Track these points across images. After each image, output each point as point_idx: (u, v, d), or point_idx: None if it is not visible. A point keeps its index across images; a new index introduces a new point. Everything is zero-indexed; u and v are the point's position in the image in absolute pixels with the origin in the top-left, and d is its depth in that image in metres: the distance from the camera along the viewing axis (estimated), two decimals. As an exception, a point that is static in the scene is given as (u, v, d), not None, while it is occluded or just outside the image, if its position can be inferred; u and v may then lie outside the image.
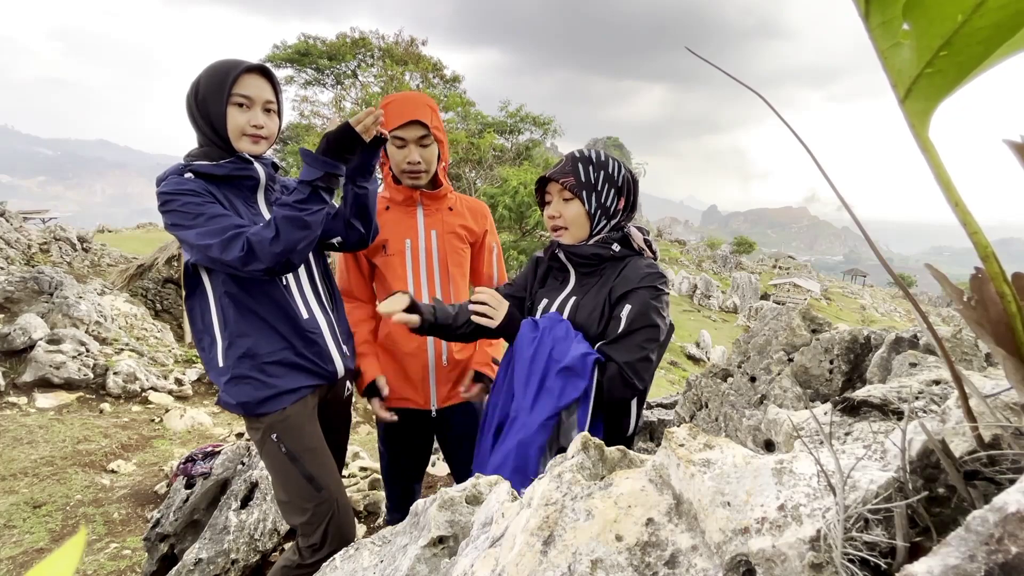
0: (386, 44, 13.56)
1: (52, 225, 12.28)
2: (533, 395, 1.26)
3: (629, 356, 1.26)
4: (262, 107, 1.40)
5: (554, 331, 1.31)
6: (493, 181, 12.26)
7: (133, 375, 5.56)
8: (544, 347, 1.29)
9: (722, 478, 0.54)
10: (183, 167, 1.37)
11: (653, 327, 1.28)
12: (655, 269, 1.36)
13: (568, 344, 1.28)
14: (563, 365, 1.24)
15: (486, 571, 0.63)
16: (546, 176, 1.39)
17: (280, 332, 1.43)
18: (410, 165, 1.67)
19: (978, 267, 0.42)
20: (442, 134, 1.72)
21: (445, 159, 1.78)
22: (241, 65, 1.36)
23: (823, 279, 54.07)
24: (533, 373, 1.28)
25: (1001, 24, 0.34)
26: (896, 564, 0.40)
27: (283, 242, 1.28)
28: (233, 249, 1.26)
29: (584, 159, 1.37)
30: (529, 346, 1.31)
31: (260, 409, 1.41)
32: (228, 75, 1.34)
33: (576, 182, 1.34)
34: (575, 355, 1.24)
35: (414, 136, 1.64)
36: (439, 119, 1.70)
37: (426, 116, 1.63)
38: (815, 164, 0.46)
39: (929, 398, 0.79)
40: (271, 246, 1.27)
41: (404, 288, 1.74)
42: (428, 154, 1.68)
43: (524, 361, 1.31)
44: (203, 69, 1.38)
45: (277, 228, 1.28)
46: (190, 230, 1.29)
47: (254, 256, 1.27)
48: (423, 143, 1.66)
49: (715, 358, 18.18)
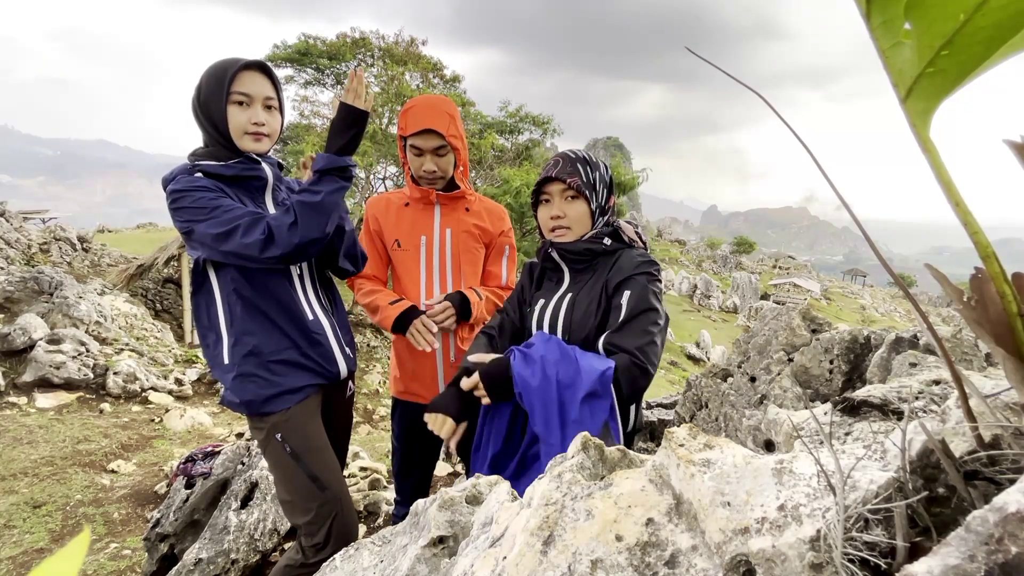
0: (386, 44, 13.56)
1: (52, 225, 12.27)
2: (559, 430, 1.17)
3: (637, 341, 1.24)
4: (262, 104, 1.40)
5: (549, 355, 1.23)
6: (493, 181, 12.27)
7: (133, 375, 5.56)
8: (549, 378, 1.21)
9: (722, 478, 0.54)
10: (192, 167, 1.37)
11: (653, 310, 1.28)
12: (647, 257, 1.36)
13: (570, 363, 1.21)
14: (586, 392, 1.16)
15: (486, 571, 0.63)
16: (552, 176, 1.36)
17: (285, 332, 1.44)
18: (426, 172, 1.72)
19: (978, 267, 0.42)
20: (460, 141, 1.75)
21: (464, 163, 1.80)
22: (238, 63, 1.36)
23: (823, 279, 54.09)
24: (549, 407, 1.19)
25: (1002, 24, 0.34)
26: (896, 564, 0.40)
27: (301, 227, 1.30)
28: (255, 232, 1.28)
29: (581, 160, 1.38)
30: (532, 380, 1.22)
31: (264, 408, 1.41)
32: (226, 73, 1.34)
33: (582, 182, 1.35)
34: (593, 377, 1.17)
35: (430, 146, 1.68)
36: (457, 125, 1.72)
37: (443, 125, 1.65)
38: (815, 164, 0.46)
39: (929, 398, 0.79)
40: (289, 232, 1.29)
41: (416, 282, 1.79)
42: (444, 163, 1.73)
43: (534, 399, 1.21)
44: (205, 70, 1.39)
45: (296, 214, 1.30)
46: (205, 222, 1.30)
47: (273, 241, 1.28)
48: (439, 153, 1.70)
49: (715, 358, 18.18)
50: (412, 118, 1.66)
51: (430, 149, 1.68)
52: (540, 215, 1.44)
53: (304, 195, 1.32)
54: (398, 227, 1.79)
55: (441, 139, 1.66)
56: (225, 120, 1.36)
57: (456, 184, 1.80)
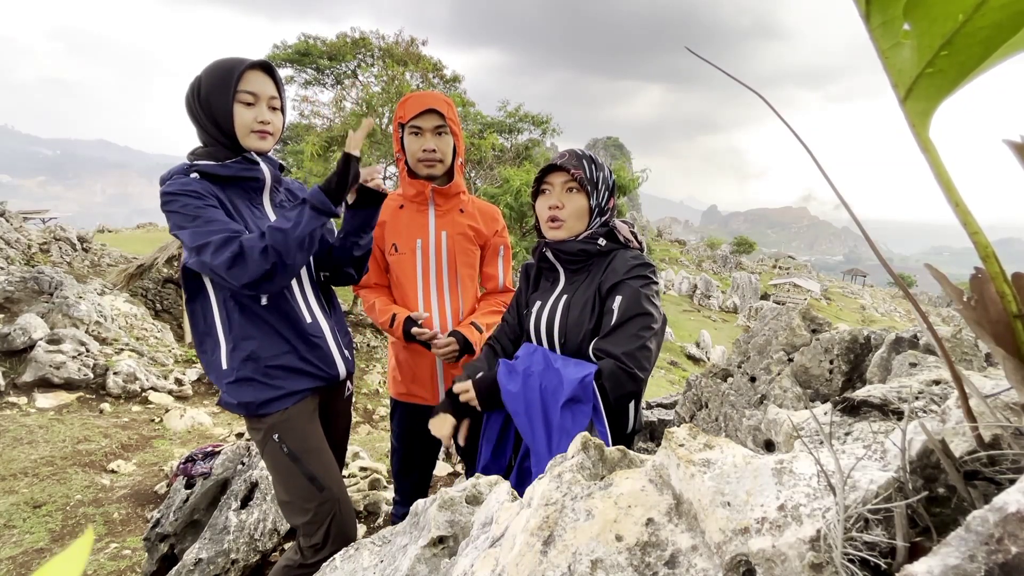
0: (386, 44, 13.54)
1: (52, 225, 12.27)
2: (545, 437, 1.21)
3: (626, 346, 1.24)
4: (267, 103, 1.40)
5: (533, 366, 1.27)
6: (493, 181, 12.26)
7: (133, 375, 5.56)
8: (531, 387, 1.25)
9: (722, 478, 0.54)
10: (188, 167, 1.37)
11: (646, 315, 1.27)
12: (642, 259, 1.35)
13: (554, 373, 1.24)
14: (566, 398, 1.19)
15: (486, 571, 0.63)
16: (556, 164, 1.36)
17: (284, 336, 1.44)
18: (426, 153, 1.72)
19: (978, 267, 0.42)
20: (457, 128, 1.78)
21: (460, 154, 1.82)
22: (245, 62, 1.37)
23: (823, 279, 54.07)
24: (533, 413, 1.23)
25: (1002, 24, 0.34)
26: (896, 564, 0.40)
27: (272, 255, 1.26)
28: (224, 252, 1.24)
29: (586, 157, 1.38)
30: (513, 388, 1.26)
31: (262, 410, 1.41)
32: (233, 72, 1.34)
33: (585, 176, 1.35)
34: (572, 383, 1.19)
35: (430, 125, 1.70)
36: (455, 114, 1.77)
37: (442, 107, 1.69)
38: (816, 165, 0.46)
39: (929, 398, 0.79)
40: (260, 257, 1.25)
41: (414, 286, 1.80)
42: (443, 144, 1.73)
43: (517, 406, 1.26)
44: (203, 69, 1.38)
45: (269, 240, 1.27)
46: (186, 230, 1.28)
47: (243, 263, 1.25)
48: (439, 131, 1.72)
49: (715, 358, 18.17)
50: (411, 103, 1.69)
51: (430, 128, 1.70)
52: (538, 205, 1.43)
53: (283, 223, 1.30)
54: (394, 230, 1.79)
55: (441, 119, 1.69)
56: (230, 118, 1.36)
57: (452, 178, 1.81)
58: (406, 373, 1.87)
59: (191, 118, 1.40)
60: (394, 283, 1.85)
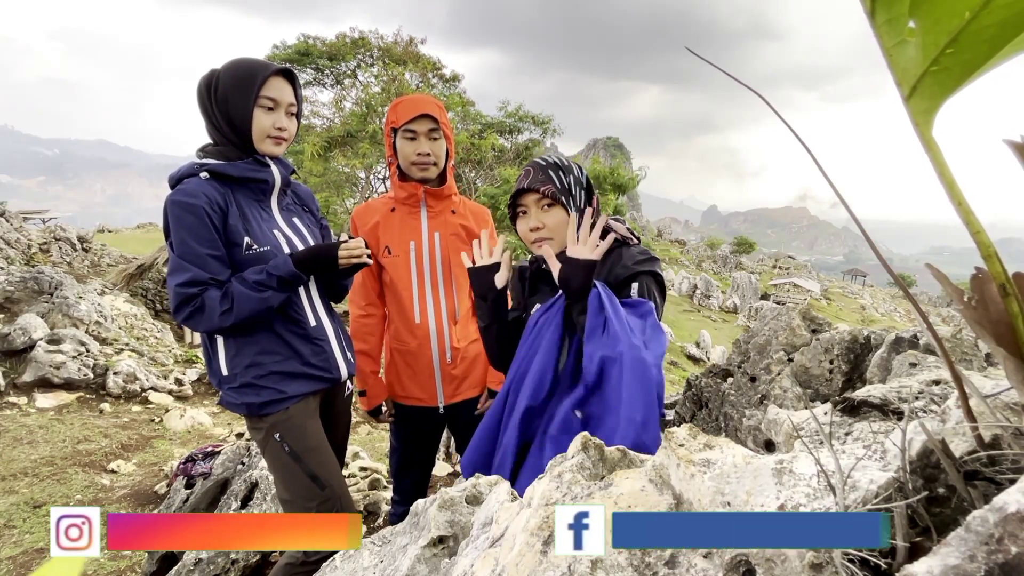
0: (385, 44, 13.53)
1: (52, 225, 12.26)
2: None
3: None
4: (286, 110, 1.41)
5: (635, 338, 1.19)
6: (493, 181, 12.25)
7: (133, 375, 5.56)
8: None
9: (722, 478, 0.53)
10: (197, 167, 1.36)
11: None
12: (648, 254, 1.33)
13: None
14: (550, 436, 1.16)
15: (486, 571, 0.63)
16: (524, 187, 1.31)
17: (287, 340, 1.44)
18: (419, 156, 1.72)
19: (979, 267, 0.42)
20: (449, 131, 1.78)
21: (452, 157, 1.83)
22: (270, 67, 1.36)
23: (823, 279, 54.06)
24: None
25: (1007, 22, 0.34)
26: (896, 564, 0.40)
27: (234, 316, 1.32)
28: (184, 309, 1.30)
29: (552, 165, 1.33)
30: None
31: (264, 410, 1.42)
32: (256, 76, 1.34)
33: (556, 189, 1.30)
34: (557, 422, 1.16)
35: (424, 128, 1.70)
36: (446, 117, 1.77)
37: (435, 111, 1.70)
38: (816, 165, 0.46)
39: (929, 398, 0.79)
40: (220, 318, 1.31)
41: (408, 288, 1.78)
42: (437, 147, 1.74)
43: None
44: (222, 66, 1.37)
45: (233, 303, 1.32)
46: (172, 253, 1.32)
47: (201, 316, 1.31)
48: (432, 136, 1.72)
49: (715, 358, 18.17)
50: (404, 108, 1.70)
51: (424, 132, 1.70)
52: (519, 228, 1.38)
53: (248, 289, 1.33)
54: (387, 233, 1.78)
55: (434, 123, 1.70)
56: (248, 121, 1.36)
57: (444, 180, 1.81)
58: (404, 374, 1.87)
59: (203, 113, 1.39)
60: (388, 286, 1.83)
